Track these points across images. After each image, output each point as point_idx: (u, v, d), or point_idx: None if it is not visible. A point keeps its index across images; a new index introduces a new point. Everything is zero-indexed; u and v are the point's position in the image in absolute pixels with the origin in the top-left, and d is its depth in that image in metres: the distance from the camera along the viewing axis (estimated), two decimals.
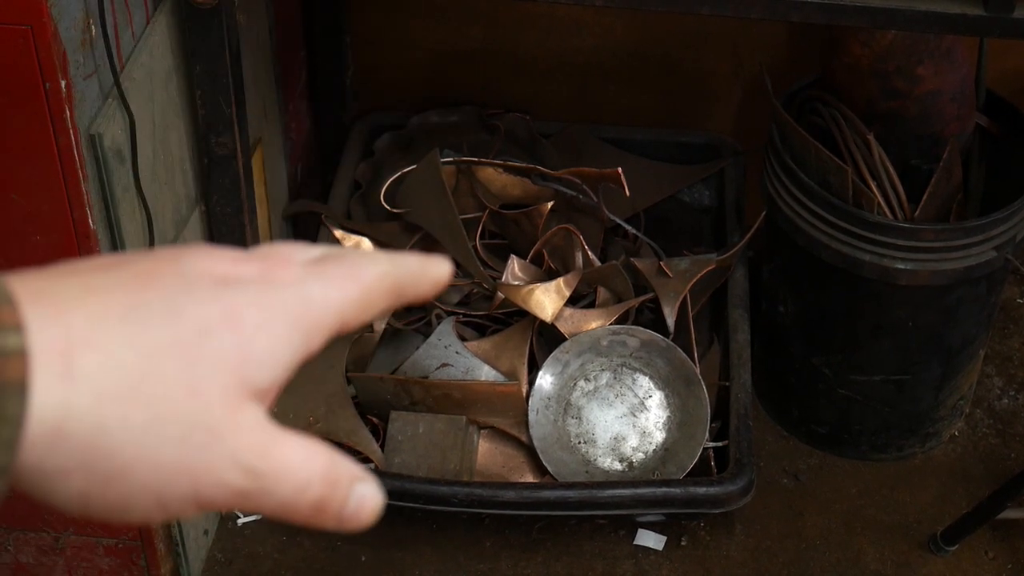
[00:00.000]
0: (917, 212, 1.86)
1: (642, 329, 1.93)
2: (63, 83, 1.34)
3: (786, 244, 1.94)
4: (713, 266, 2.00)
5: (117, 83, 1.45)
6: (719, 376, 1.98)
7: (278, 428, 0.46)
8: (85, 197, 1.44)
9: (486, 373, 1.92)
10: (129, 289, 0.43)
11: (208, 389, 0.43)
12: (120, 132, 1.48)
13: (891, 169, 1.85)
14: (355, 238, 2.06)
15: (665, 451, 1.91)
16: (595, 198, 1.99)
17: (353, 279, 0.47)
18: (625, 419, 1.93)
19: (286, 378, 0.46)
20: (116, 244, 1.53)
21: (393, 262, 0.49)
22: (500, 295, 1.94)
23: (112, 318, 0.42)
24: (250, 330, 0.44)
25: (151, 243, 1.61)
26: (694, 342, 1.94)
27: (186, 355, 0.43)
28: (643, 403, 1.93)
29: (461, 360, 1.93)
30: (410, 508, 1.80)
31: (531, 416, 1.90)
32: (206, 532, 1.92)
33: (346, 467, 0.47)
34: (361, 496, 0.47)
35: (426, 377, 1.90)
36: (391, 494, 1.80)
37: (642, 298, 1.97)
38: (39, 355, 0.40)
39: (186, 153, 1.70)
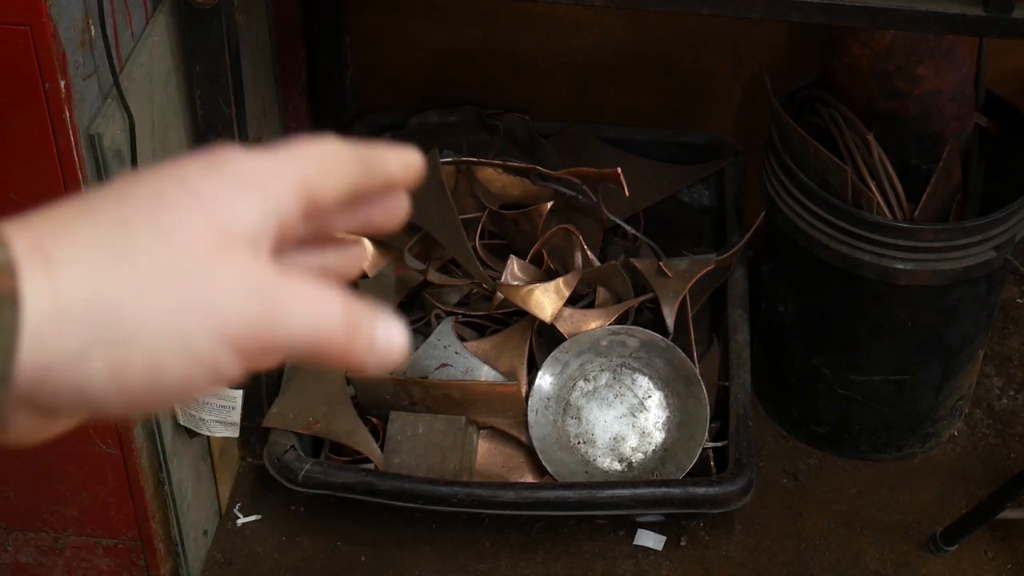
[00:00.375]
0: (917, 212, 1.86)
1: (641, 329, 1.93)
2: (62, 83, 1.34)
3: (786, 244, 1.94)
4: (712, 266, 2.00)
5: (116, 83, 1.45)
6: (718, 376, 1.98)
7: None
8: None
9: (486, 373, 1.92)
10: (84, 200, 0.45)
11: (184, 234, 0.44)
12: (120, 132, 1.48)
13: (890, 169, 1.85)
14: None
15: (664, 451, 1.91)
16: (595, 198, 1.99)
17: (308, 145, 0.48)
18: (624, 419, 1.93)
19: (266, 232, 0.46)
20: None
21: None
22: (499, 295, 1.94)
23: (71, 213, 0.44)
24: (202, 187, 0.45)
25: None
26: (693, 342, 1.94)
27: (150, 216, 0.44)
28: (642, 403, 1.93)
29: (460, 360, 1.93)
30: (410, 508, 1.81)
31: (530, 416, 1.90)
32: (206, 532, 1.92)
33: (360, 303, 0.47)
34: (386, 324, 0.47)
35: (425, 377, 1.90)
36: (391, 494, 1.80)
37: (641, 298, 1.97)
38: (19, 256, 0.41)
39: (186, 153, 1.70)
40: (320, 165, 0.48)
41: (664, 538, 1.96)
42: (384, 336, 0.47)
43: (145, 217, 0.44)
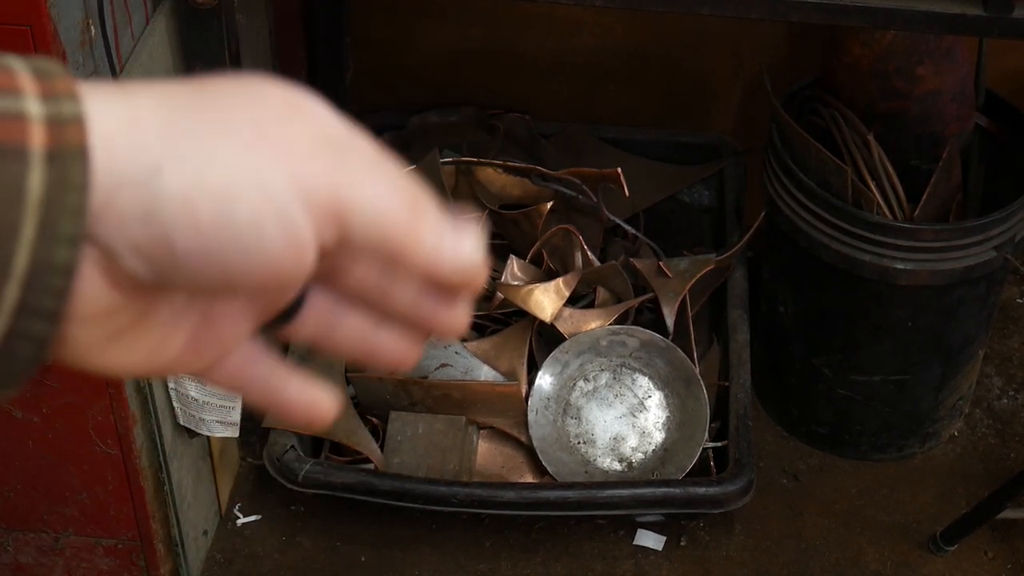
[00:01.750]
0: (917, 212, 1.86)
1: (641, 329, 1.93)
2: None
3: (786, 244, 1.94)
4: (712, 266, 2.00)
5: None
6: (719, 376, 1.98)
7: None
8: None
9: (485, 373, 1.92)
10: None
11: (260, 94, 0.43)
12: None
13: (891, 169, 1.85)
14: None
15: (664, 451, 1.91)
16: (595, 198, 1.99)
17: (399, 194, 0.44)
18: (624, 419, 1.93)
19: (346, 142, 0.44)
20: None
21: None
22: (499, 295, 1.94)
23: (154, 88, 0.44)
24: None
25: None
26: (693, 342, 1.94)
27: (241, 89, 0.44)
28: (642, 403, 1.93)
29: (461, 360, 1.93)
30: (410, 508, 1.81)
31: (530, 416, 1.90)
32: (206, 532, 1.92)
33: None
34: (454, 227, 0.45)
35: (425, 377, 1.90)
36: (391, 494, 1.80)
37: (642, 298, 1.97)
38: (93, 91, 0.41)
39: None
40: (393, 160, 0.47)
41: (664, 538, 1.96)
42: (451, 235, 0.45)
43: (230, 86, 0.44)
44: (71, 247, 0.40)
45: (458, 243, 0.45)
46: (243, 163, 0.41)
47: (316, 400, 0.50)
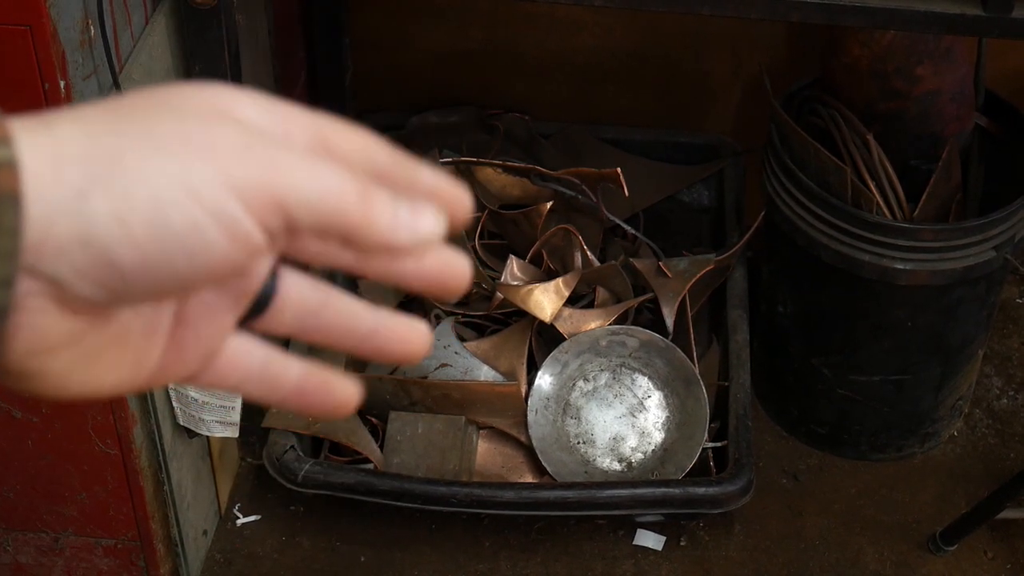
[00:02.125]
0: (916, 212, 1.86)
1: (641, 329, 1.93)
2: (62, 83, 1.34)
3: (785, 244, 1.94)
4: (712, 266, 2.00)
5: (116, 83, 1.45)
6: (718, 376, 1.98)
7: None
8: None
9: (485, 373, 1.92)
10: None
11: (182, 103, 0.43)
12: None
13: (890, 169, 1.85)
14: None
15: (664, 451, 1.91)
16: (594, 198, 1.99)
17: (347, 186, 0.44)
18: (624, 419, 1.93)
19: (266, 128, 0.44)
20: None
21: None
22: (499, 295, 1.94)
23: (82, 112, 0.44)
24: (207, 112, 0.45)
25: None
26: (693, 342, 1.95)
27: (162, 101, 0.44)
28: (642, 403, 1.93)
29: (460, 360, 1.93)
30: (409, 508, 1.81)
31: (530, 416, 1.90)
32: (205, 532, 1.92)
33: None
34: (410, 203, 0.44)
35: (425, 377, 1.90)
36: (390, 494, 1.80)
37: (641, 298, 1.97)
38: (20, 128, 0.41)
39: None
40: (340, 125, 0.46)
41: (664, 538, 1.96)
42: (406, 212, 0.44)
43: (156, 99, 0.44)
44: (4, 289, 0.40)
45: (415, 218, 0.44)
46: (168, 172, 0.41)
47: (327, 382, 0.49)
